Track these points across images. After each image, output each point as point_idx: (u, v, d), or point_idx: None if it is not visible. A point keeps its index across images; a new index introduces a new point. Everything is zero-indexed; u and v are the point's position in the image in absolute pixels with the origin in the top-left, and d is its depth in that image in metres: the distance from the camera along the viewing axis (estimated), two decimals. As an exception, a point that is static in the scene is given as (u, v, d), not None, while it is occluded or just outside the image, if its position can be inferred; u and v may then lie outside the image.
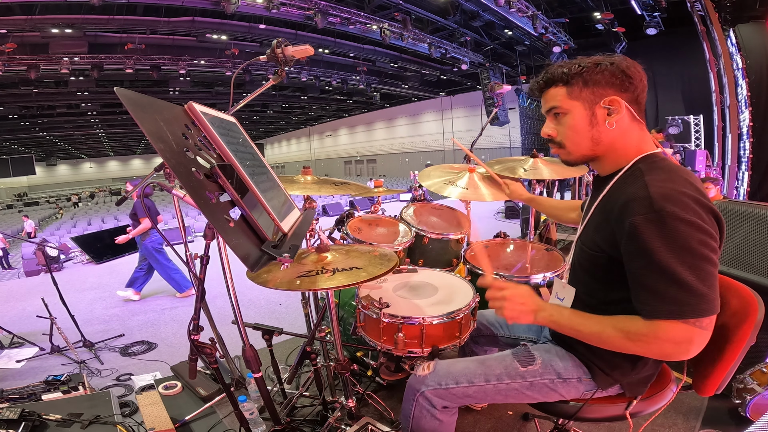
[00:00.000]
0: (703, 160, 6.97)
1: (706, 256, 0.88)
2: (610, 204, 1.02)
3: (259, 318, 3.57)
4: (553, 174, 2.20)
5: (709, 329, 0.91)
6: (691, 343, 0.90)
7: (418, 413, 1.21)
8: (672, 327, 0.90)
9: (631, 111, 1.02)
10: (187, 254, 1.36)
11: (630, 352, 0.97)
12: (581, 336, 1.02)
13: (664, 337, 0.90)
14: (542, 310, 1.05)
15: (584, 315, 1.04)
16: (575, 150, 1.09)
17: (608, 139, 1.04)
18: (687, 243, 0.87)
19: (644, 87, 1.03)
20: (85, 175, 41.19)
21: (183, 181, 0.78)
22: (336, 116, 32.73)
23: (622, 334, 0.95)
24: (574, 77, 1.03)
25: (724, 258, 2.06)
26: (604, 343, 0.99)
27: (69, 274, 6.16)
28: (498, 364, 1.21)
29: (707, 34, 7.32)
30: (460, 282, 1.73)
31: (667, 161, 1.01)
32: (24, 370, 2.85)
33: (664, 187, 0.91)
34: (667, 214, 0.88)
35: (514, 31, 12.36)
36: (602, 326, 0.99)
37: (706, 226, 0.89)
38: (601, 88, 1.01)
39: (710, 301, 0.88)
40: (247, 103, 1.72)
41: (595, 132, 1.04)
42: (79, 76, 12.90)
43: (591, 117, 1.03)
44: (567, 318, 1.04)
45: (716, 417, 1.87)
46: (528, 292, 1.07)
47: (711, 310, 0.89)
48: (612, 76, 1.00)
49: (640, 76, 1.02)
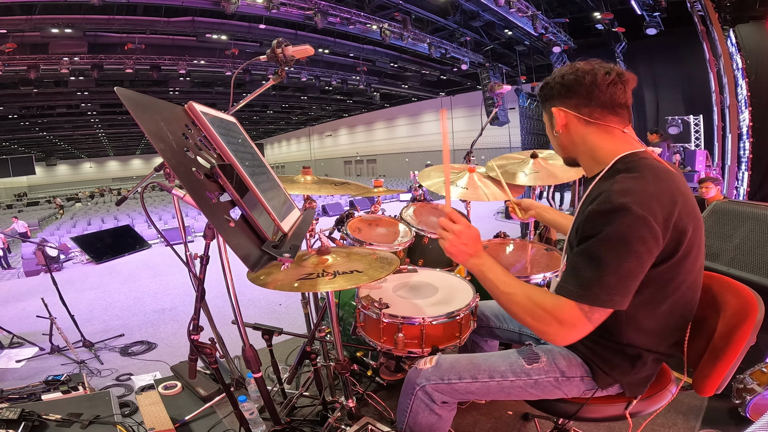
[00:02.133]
0: (703, 160, 6.97)
1: (637, 251, 0.90)
2: (587, 202, 1.04)
3: (259, 318, 3.56)
4: (553, 177, 2.19)
5: (595, 324, 0.95)
6: (574, 328, 0.95)
7: (416, 407, 1.21)
8: (568, 307, 0.95)
9: (580, 115, 1.08)
10: (187, 254, 1.36)
11: (523, 323, 1.02)
12: (496, 293, 1.07)
13: (559, 315, 0.95)
14: (477, 257, 1.09)
15: (510, 276, 1.08)
16: (557, 153, 1.23)
17: (568, 143, 1.14)
18: (624, 233, 0.90)
19: (593, 87, 1.04)
20: (85, 175, 41.19)
21: (183, 180, 0.78)
22: (336, 116, 32.74)
23: (530, 302, 1.00)
24: (539, 96, 1.19)
25: (724, 258, 2.06)
26: (509, 305, 1.04)
27: (69, 274, 6.16)
28: (503, 362, 1.21)
29: (707, 34, 7.32)
30: (460, 282, 1.73)
31: (648, 160, 1.02)
32: (24, 370, 2.85)
33: (629, 183, 0.95)
34: (619, 205, 0.91)
35: (514, 31, 12.36)
36: (516, 289, 1.04)
37: (654, 226, 0.90)
38: (549, 102, 1.14)
39: (611, 293, 0.91)
40: (247, 103, 1.72)
41: (555, 139, 1.17)
42: (79, 76, 12.88)
43: (550, 127, 1.17)
44: (493, 272, 1.07)
45: (716, 417, 1.87)
46: (476, 235, 1.11)
47: (606, 302, 0.92)
48: (552, 90, 1.12)
49: (581, 80, 1.05)
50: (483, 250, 1.11)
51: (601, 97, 1.05)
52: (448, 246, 1.09)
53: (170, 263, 5.97)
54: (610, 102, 1.05)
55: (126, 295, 4.66)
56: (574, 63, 1.09)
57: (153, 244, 8.24)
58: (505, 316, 1.55)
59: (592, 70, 1.05)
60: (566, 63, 1.17)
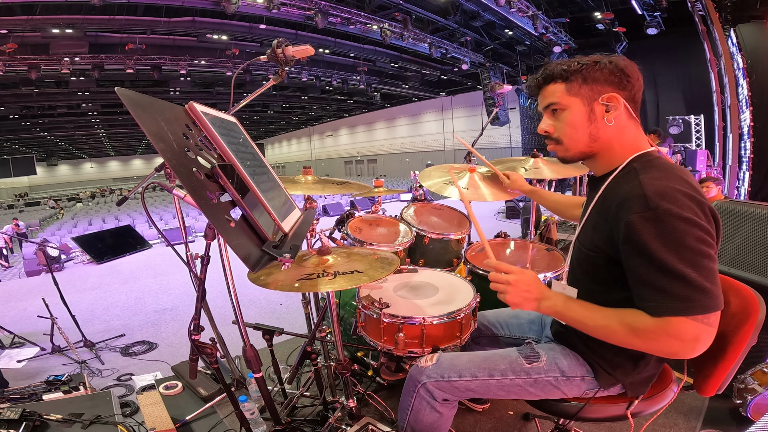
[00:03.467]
0: (704, 160, 6.97)
1: (705, 252, 0.88)
2: (606, 203, 1.02)
3: (260, 318, 3.56)
4: (554, 173, 2.20)
5: (715, 326, 0.90)
6: (698, 341, 0.89)
7: (417, 405, 1.21)
8: (680, 324, 0.88)
9: (629, 109, 1.03)
10: (188, 254, 1.36)
11: (635, 348, 0.96)
12: (586, 329, 1.01)
13: (673, 333, 0.89)
14: (546, 299, 1.04)
15: (591, 307, 1.02)
16: (573, 146, 1.09)
17: (605, 135, 1.05)
18: (684, 240, 0.87)
19: (640, 86, 1.04)
20: (86, 175, 41.21)
21: (184, 181, 0.78)
22: (336, 116, 32.72)
23: (629, 329, 0.94)
24: (574, 74, 1.03)
25: (725, 258, 2.05)
26: (609, 338, 0.98)
27: (70, 274, 6.16)
28: (502, 360, 1.21)
29: (708, 34, 7.32)
30: (461, 282, 1.73)
31: (662, 159, 1.02)
32: (25, 370, 2.85)
33: (659, 185, 0.92)
34: (663, 211, 0.88)
35: (514, 31, 12.35)
36: (608, 320, 0.97)
37: (702, 222, 0.89)
38: (599, 85, 1.02)
39: (715, 297, 0.88)
40: (247, 103, 1.72)
41: (593, 128, 1.05)
42: (80, 76, 12.89)
43: (589, 113, 1.04)
44: (572, 310, 1.02)
45: (717, 417, 1.87)
46: (533, 278, 1.06)
47: (716, 305, 0.88)
48: (611, 74, 1.01)
49: (637, 75, 1.03)
50: (548, 289, 1.06)
51: (639, 94, 1.04)
52: (510, 299, 1.03)
53: (171, 263, 5.97)
54: (639, 99, 1.05)
55: (127, 295, 4.66)
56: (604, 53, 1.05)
57: (154, 244, 8.24)
58: (510, 324, 1.52)
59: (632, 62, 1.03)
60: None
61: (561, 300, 1.04)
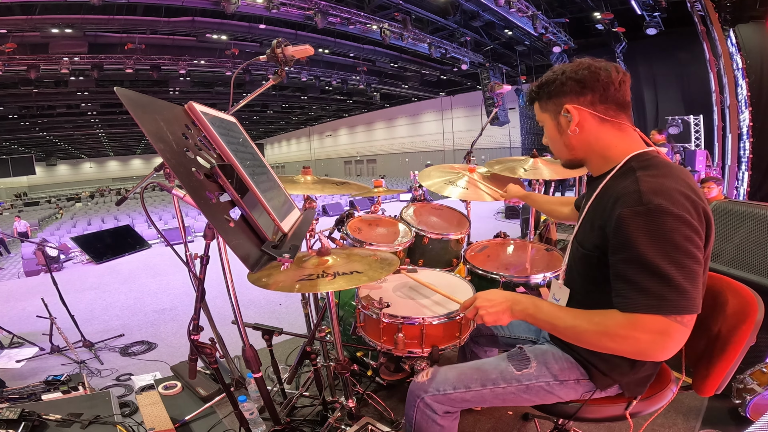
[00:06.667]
0: (703, 160, 6.97)
1: (690, 252, 0.87)
2: (603, 201, 1.02)
3: (259, 318, 3.57)
4: (553, 174, 2.20)
5: (689, 326, 0.88)
6: (668, 335, 0.86)
7: (420, 419, 1.22)
8: (650, 319, 0.87)
9: (595, 113, 1.04)
10: (187, 254, 1.36)
11: (607, 350, 0.94)
12: (556, 330, 1.01)
13: (641, 328, 0.87)
14: (516, 303, 1.07)
15: (562, 309, 1.03)
16: (559, 156, 1.18)
17: (580, 143, 1.09)
18: (672, 236, 0.86)
19: (608, 84, 1.02)
20: (85, 175, 41.19)
21: (183, 181, 0.78)
22: (336, 116, 32.73)
23: (599, 328, 0.93)
24: (540, 93, 1.13)
25: (724, 258, 2.06)
26: (579, 339, 0.97)
27: (69, 274, 6.16)
28: (493, 369, 1.21)
29: (707, 34, 7.33)
30: (460, 282, 1.73)
31: (660, 159, 1.02)
32: (24, 370, 2.85)
33: (654, 182, 0.92)
34: (655, 207, 0.88)
35: (514, 31, 12.36)
36: (578, 320, 0.97)
37: (694, 222, 0.88)
38: (559, 98, 1.08)
39: (691, 299, 0.86)
40: (247, 103, 1.72)
41: (565, 139, 1.11)
42: (79, 76, 12.89)
43: (557, 126, 1.11)
44: (542, 311, 1.03)
45: (716, 417, 1.87)
46: (494, 293, 1.10)
47: (691, 307, 0.86)
48: (563, 86, 1.06)
49: (596, 76, 1.02)
50: (516, 294, 1.10)
51: (615, 94, 1.03)
52: (487, 318, 1.08)
53: (170, 263, 5.96)
54: (621, 100, 1.05)
55: (126, 295, 4.65)
56: (575, 59, 1.07)
57: (153, 244, 8.23)
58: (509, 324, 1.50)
59: (604, 66, 1.03)
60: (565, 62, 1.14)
61: (531, 302, 1.06)
